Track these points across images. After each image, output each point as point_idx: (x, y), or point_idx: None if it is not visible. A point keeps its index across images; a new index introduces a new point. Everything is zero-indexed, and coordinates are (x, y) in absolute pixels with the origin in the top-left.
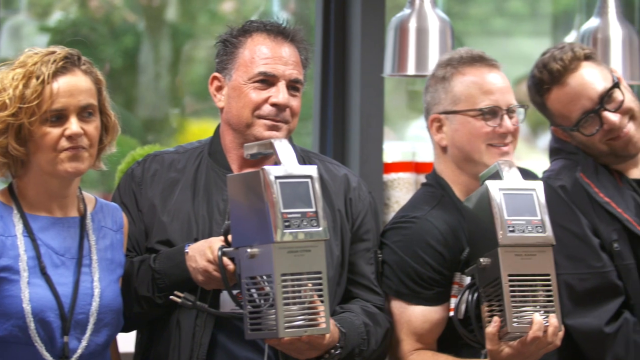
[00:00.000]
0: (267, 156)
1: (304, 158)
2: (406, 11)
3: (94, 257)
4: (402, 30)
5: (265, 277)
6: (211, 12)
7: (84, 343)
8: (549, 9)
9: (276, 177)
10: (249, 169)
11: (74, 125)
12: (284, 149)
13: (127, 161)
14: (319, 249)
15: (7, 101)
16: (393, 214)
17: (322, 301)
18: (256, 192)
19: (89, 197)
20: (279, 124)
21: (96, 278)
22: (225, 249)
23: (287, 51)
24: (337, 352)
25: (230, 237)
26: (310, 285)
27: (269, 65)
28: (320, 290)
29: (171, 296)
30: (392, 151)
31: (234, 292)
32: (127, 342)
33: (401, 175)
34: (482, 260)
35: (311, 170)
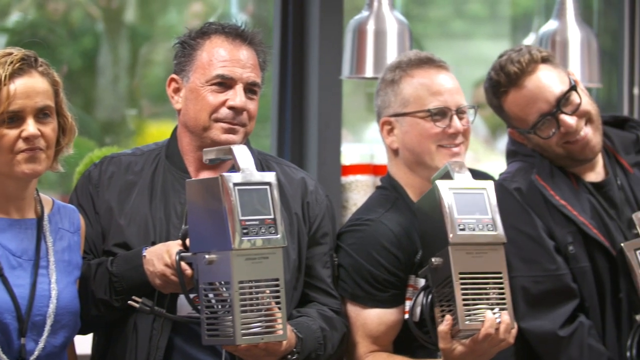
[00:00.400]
0: (225, 160)
1: (261, 162)
2: (364, 13)
3: (51, 258)
4: (360, 32)
5: (223, 283)
6: (178, 13)
7: (41, 345)
8: (508, 11)
9: (235, 184)
10: (206, 172)
11: (30, 127)
12: (242, 155)
13: (85, 163)
14: (276, 255)
15: None
16: None
17: (279, 308)
18: (215, 199)
19: (46, 198)
20: (236, 127)
21: (53, 280)
22: (183, 254)
23: (245, 54)
24: (294, 357)
25: (188, 241)
26: (267, 292)
27: (226, 68)
28: (278, 297)
29: (129, 301)
30: (350, 153)
31: (192, 296)
32: (84, 344)
33: (359, 178)
34: (433, 260)
35: (270, 177)
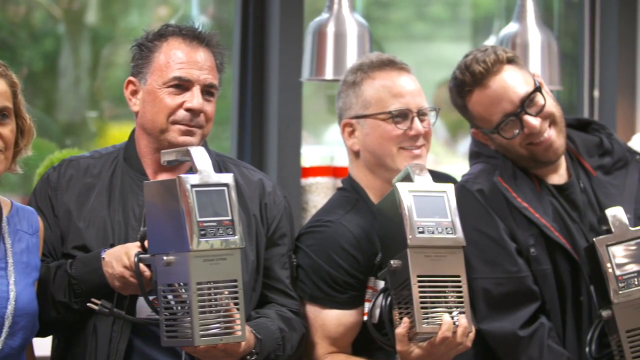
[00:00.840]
0: (183, 162)
1: (219, 163)
2: (324, 16)
3: (10, 260)
4: (320, 34)
5: (181, 284)
6: (139, 15)
7: None
8: (469, 13)
9: (192, 186)
10: (164, 174)
11: None
12: (200, 156)
13: (46, 165)
14: (234, 257)
15: None
16: None
17: (237, 309)
18: (172, 200)
19: (5, 200)
20: (193, 129)
21: (12, 281)
22: (141, 256)
23: (202, 56)
24: (253, 358)
25: (146, 243)
26: (226, 293)
27: (183, 70)
28: (236, 298)
29: (88, 304)
30: (311, 155)
31: (151, 298)
32: (43, 346)
33: (319, 180)
34: (392, 262)
35: (227, 178)
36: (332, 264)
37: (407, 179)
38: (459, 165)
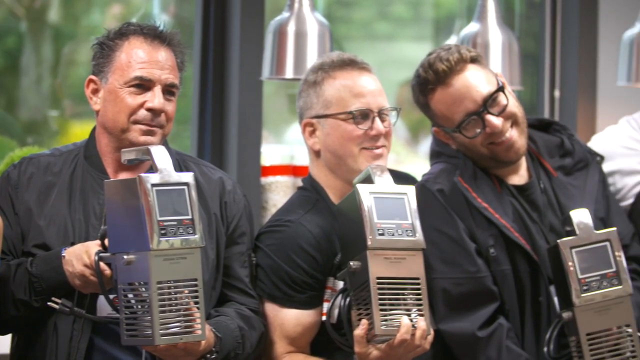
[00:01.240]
0: (143, 161)
1: (179, 162)
2: (285, 15)
3: None
4: (280, 33)
5: (142, 283)
6: (102, 14)
7: None
8: (431, 13)
9: (153, 185)
10: (124, 173)
11: None
12: (160, 155)
13: (6, 162)
14: (194, 256)
15: None
16: None
17: (198, 308)
18: (133, 199)
19: None
20: (154, 128)
21: None
22: (102, 254)
23: (163, 55)
24: (213, 356)
25: (107, 241)
26: (186, 292)
27: (145, 69)
28: (196, 297)
29: (49, 302)
30: (271, 154)
31: (111, 296)
32: (3, 344)
33: (279, 179)
34: (352, 263)
35: (187, 177)
36: (291, 264)
37: (368, 180)
38: (420, 165)
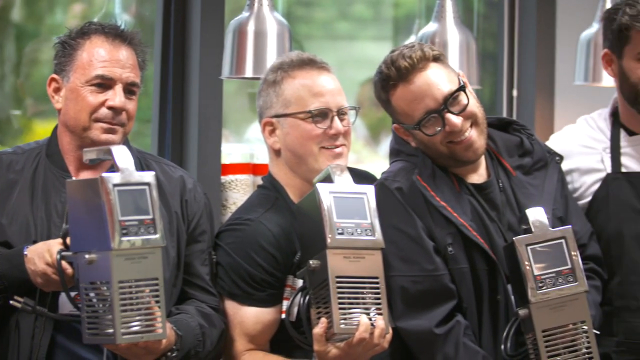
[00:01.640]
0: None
1: (140, 160)
2: (244, 14)
3: None
4: (240, 33)
5: (103, 282)
6: (64, 13)
7: None
8: (391, 13)
9: (114, 185)
10: (86, 171)
11: None
12: (122, 155)
13: None
14: (156, 255)
15: None
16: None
17: (159, 307)
18: (94, 199)
19: None
20: (115, 127)
21: None
22: (64, 253)
23: (124, 54)
24: (174, 354)
25: (68, 240)
26: (147, 291)
27: (106, 68)
28: (157, 296)
29: (11, 301)
30: (231, 153)
31: (73, 294)
32: None
33: (239, 177)
34: (311, 262)
35: (149, 177)
36: (251, 262)
37: (328, 179)
38: (380, 164)
